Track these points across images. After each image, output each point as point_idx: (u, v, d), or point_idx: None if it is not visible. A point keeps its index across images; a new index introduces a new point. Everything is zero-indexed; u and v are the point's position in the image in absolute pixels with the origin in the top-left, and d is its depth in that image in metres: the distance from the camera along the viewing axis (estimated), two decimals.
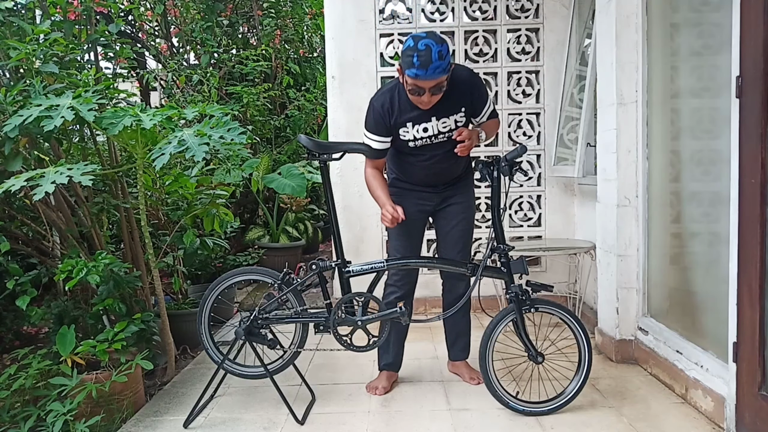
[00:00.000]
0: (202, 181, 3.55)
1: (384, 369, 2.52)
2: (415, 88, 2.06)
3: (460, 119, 2.24)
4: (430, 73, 1.98)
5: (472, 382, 2.52)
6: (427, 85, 2.03)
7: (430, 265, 2.53)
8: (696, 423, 2.11)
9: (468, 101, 2.23)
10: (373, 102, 2.26)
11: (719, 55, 2.17)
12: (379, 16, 3.60)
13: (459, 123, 2.24)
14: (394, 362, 2.53)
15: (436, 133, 2.23)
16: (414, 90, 2.07)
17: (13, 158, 2.28)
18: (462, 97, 2.21)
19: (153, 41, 5.75)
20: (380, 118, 2.21)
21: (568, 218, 3.69)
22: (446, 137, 2.24)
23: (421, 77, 1.99)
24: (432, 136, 2.23)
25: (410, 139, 2.24)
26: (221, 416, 2.29)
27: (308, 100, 5.78)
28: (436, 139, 2.24)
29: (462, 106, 2.22)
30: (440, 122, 2.21)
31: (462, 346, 2.60)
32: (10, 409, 2.16)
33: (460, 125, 2.24)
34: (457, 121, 2.24)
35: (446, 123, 2.22)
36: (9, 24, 2.52)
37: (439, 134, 2.23)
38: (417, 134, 2.23)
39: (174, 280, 3.37)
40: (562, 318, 2.22)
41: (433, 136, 2.23)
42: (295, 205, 5.58)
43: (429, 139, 2.24)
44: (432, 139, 2.24)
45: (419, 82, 2.03)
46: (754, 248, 1.79)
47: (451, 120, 2.22)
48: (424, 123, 2.20)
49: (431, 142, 2.25)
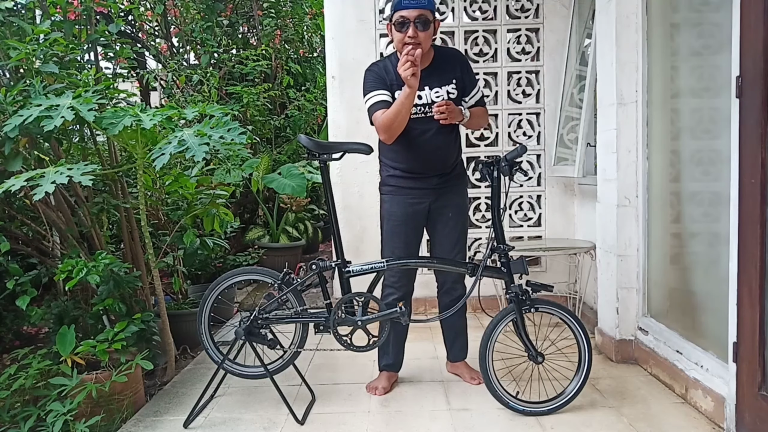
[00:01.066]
0: (202, 181, 3.55)
1: (384, 369, 2.53)
2: (401, 20, 2.14)
3: (452, 91, 2.30)
4: (415, 2, 2.09)
5: (472, 382, 2.52)
6: (412, 15, 2.12)
7: (430, 265, 2.53)
8: (696, 423, 2.11)
9: (458, 74, 2.31)
10: (369, 67, 2.33)
11: (719, 55, 2.17)
12: (379, 16, 3.60)
13: (451, 95, 2.29)
14: (394, 363, 2.53)
15: (429, 102, 2.27)
16: (400, 23, 2.14)
17: (13, 158, 2.28)
18: (452, 69, 2.30)
19: (153, 41, 5.75)
20: (377, 76, 2.28)
21: (568, 218, 3.69)
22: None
23: (404, 5, 2.11)
24: (426, 105, 2.27)
25: None
26: (221, 416, 2.29)
27: (308, 100, 5.78)
28: (429, 110, 2.27)
29: (452, 77, 2.30)
30: (433, 92, 2.28)
31: (460, 346, 2.60)
32: (10, 409, 2.16)
33: (452, 97, 2.29)
34: (449, 92, 2.29)
35: (439, 93, 2.28)
36: (9, 24, 2.52)
37: (432, 104, 2.26)
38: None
39: (174, 280, 3.37)
40: (562, 318, 2.22)
41: (426, 105, 2.27)
42: (295, 205, 5.58)
43: (423, 110, 2.28)
44: (426, 110, 2.28)
45: (404, 12, 2.12)
46: (754, 248, 1.79)
47: (443, 90, 2.28)
48: (418, 91, 2.20)
49: (425, 114, 2.28)
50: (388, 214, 2.39)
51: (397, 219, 2.37)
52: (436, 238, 2.46)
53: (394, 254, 2.37)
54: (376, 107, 2.23)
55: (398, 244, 2.37)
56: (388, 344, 2.46)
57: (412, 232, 2.40)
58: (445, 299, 2.51)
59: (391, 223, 2.38)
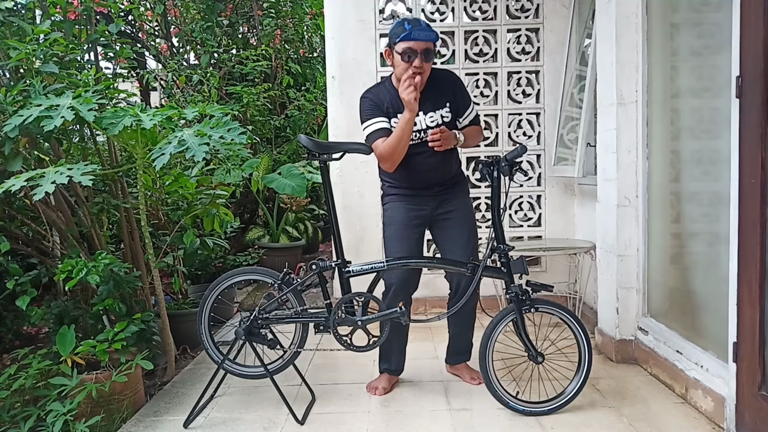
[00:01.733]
0: (202, 181, 3.55)
1: (385, 372, 2.52)
2: (408, 50, 2.14)
3: (446, 114, 2.31)
4: (422, 32, 2.11)
5: (473, 382, 2.52)
6: (419, 47, 2.13)
7: (431, 265, 2.53)
8: (696, 423, 2.11)
9: (452, 97, 2.32)
10: (364, 95, 2.33)
11: (719, 55, 2.17)
12: (379, 16, 3.60)
13: (445, 119, 2.30)
14: (396, 369, 2.52)
15: (425, 128, 2.28)
16: (406, 53, 2.14)
17: (13, 158, 2.28)
18: (445, 93, 2.31)
19: (153, 41, 5.75)
20: (375, 104, 2.28)
21: (568, 218, 3.69)
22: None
23: (413, 36, 2.11)
24: (421, 131, 2.28)
25: None
26: (221, 416, 2.29)
27: (308, 100, 5.78)
28: (424, 135, 2.28)
29: (446, 101, 2.30)
30: (427, 117, 2.28)
31: (464, 351, 2.59)
32: (10, 409, 2.16)
33: (446, 121, 2.30)
34: (443, 116, 2.30)
35: (433, 117, 2.29)
36: (9, 24, 2.52)
37: (427, 129, 2.28)
38: None
39: (174, 280, 3.37)
40: (562, 318, 2.22)
41: (422, 131, 2.28)
42: (295, 205, 5.58)
43: (418, 136, 2.28)
44: (421, 136, 2.28)
45: (411, 44, 2.13)
46: (754, 248, 1.79)
47: (437, 115, 2.29)
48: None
49: (421, 140, 2.28)
50: (390, 220, 2.40)
51: (399, 224, 2.36)
52: (445, 243, 2.42)
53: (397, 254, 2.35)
54: (376, 135, 2.24)
55: (400, 248, 2.35)
56: (390, 350, 2.46)
57: (414, 237, 2.38)
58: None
59: (393, 228, 2.38)
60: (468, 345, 2.58)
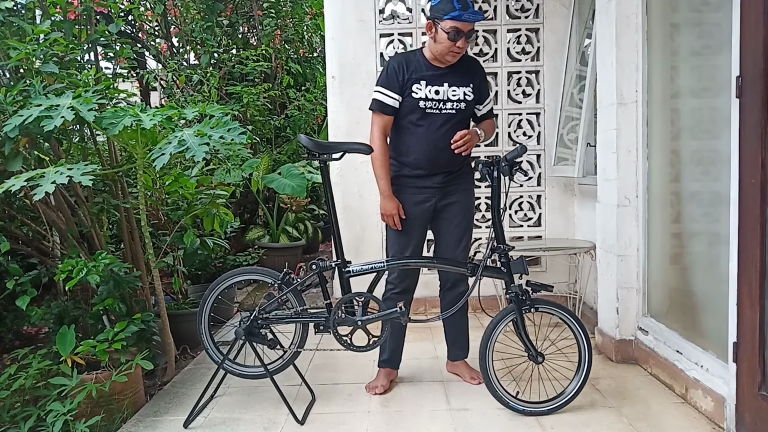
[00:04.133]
0: (202, 181, 3.55)
1: (382, 366, 2.52)
2: (455, 30, 2.16)
3: (469, 94, 2.34)
4: (471, 13, 2.14)
5: (472, 381, 2.52)
6: (466, 27, 2.17)
7: (431, 265, 2.53)
8: (696, 423, 2.11)
9: (477, 80, 2.36)
10: (391, 60, 2.38)
11: (719, 55, 2.17)
12: (379, 16, 3.60)
13: (468, 97, 2.34)
14: (390, 359, 2.52)
15: (445, 99, 2.31)
16: (453, 34, 2.17)
17: (13, 158, 2.28)
18: (473, 75, 2.36)
19: (153, 41, 5.75)
20: (394, 74, 2.30)
21: (568, 218, 3.69)
22: (454, 109, 2.32)
23: (464, 18, 2.14)
24: (441, 101, 2.31)
25: (421, 97, 2.30)
26: (221, 416, 2.29)
27: (308, 100, 5.78)
28: (444, 106, 2.31)
29: (471, 81, 2.34)
30: (451, 89, 2.31)
31: (461, 345, 2.60)
32: (10, 409, 2.16)
33: (469, 99, 2.34)
34: (467, 94, 2.33)
35: (456, 92, 2.32)
36: (9, 24, 2.52)
37: (448, 101, 2.31)
38: (429, 94, 2.30)
39: (174, 280, 3.37)
40: (562, 318, 2.22)
41: (442, 101, 2.31)
42: (295, 205, 5.58)
43: (437, 105, 2.31)
44: (440, 106, 2.31)
45: (459, 24, 2.15)
46: (754, 248, 1.79)
47: (460, 91, 2.32)
48: (437, 86, 2.30)
49: (440, 110, 2.32)
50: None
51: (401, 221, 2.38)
52: (440, 236, 2.46)
53: (398, 254, 2.39)
54: (379, 106, 2.33)
55: (403, 243, 2.39)
56: (385, 340, 2.44)
57: (417, 232, 2.40)
58: (448, 296, 2.52)
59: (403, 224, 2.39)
60: (464, 338, 2.60)
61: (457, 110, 2.32)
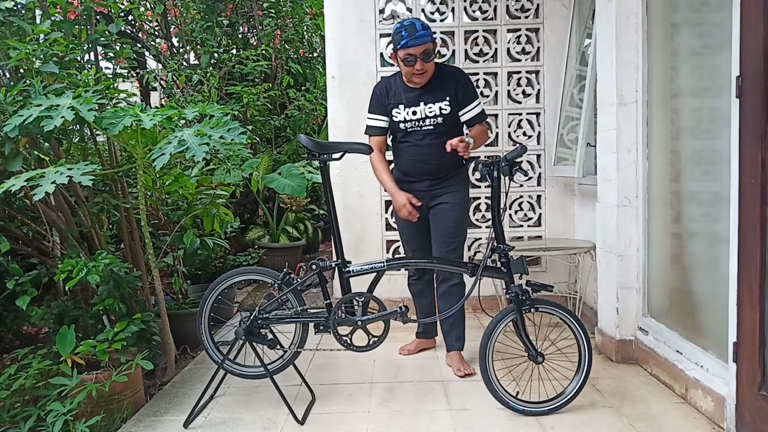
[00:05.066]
0: (202, 181, 3.55)
1: (417, 337, 2.93)
2: (408, 57, 2.39)
3: (445, 107, 2.52)
4: (418, 39, 2.33)
5: (458, 373, 2.59)
6: (417, 52, 2.37)
7: (431, 265, 2.53)
8: (696, 423, 2.11)
9: (452, 92, 2.52)
10: (375, 87, 2.64)
11: (719, 55, 2.17)
12: (379, 16, 3.60)
13: (444, 111, 2.52)
14: (423, 331, 2.91)
15: (423, 117, 2.52)
16: (408, 60, 2.39)
17: (13, 158, 2.28)
18: (447, 88, 2.52)
19: (153, 41, 5.75)
20: (377, 100, 2.59)
21: (568, 218, 3.69)
22: (432, 125, 2.53)
23: (410, 44, 2.34)
24: (419, 119, 2.53)
25: (401, 120, 2.55)
26: (221, 416, 2.29)
27: (308, 100, 5.78)
28: (423, 123, 2.53)
29: (447, 94, 2.51)
30: (427, 107, 2.51)
31: (456, 336, 2.68)
32: (10, 409, 2.16)
33: (445, 113, 2.52)
34: (442, 109, 2.51)
35: (432, 109, 2.51)
36: (9, 24, 2.52)
37: (426, 119, 2.52)
38: (407, 116, 2.53)
39: (174, 280, 3.37)
40: (562, 318, 2.22)
41: (420, 120, 2.53)
42: (295, 205, 5.58)
43: (417, 124, 2.54)
44: (420, 124, 2.53)
45: (410, 50, 2.36)
46: (754, 248, 1.79)
47: (436, 107, 2.51)
48: (413, 107, 2.52)
49: (420, 127, 2.54)
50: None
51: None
52: (432, 234, 2.66)
53: (408, 245, 2.75)
54: (372, 131, 2.63)
55: (408, 236, 2.72)
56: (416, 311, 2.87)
57: (419, 227, 2.64)
58: (443, 287, 2.64)
59: (400, 219, 2.63)
60: (458, 329, 2.69)
61: (435, 125, 2.52)
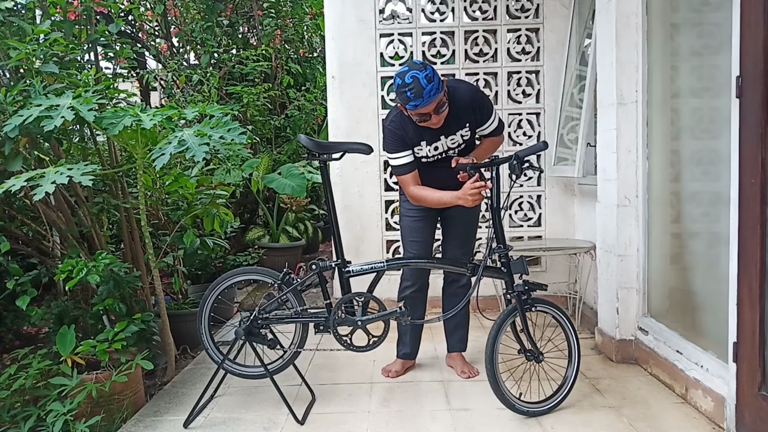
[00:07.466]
0: (202, 181, 3.55)
1: (401, 358, 2.70)
2: (420, 116, 2.21)
3: (465, 133, 2.39)
4: (426, 99, 2.12)
5: (462, 375, 2.58)
6: (429, 110, 2.18)
7: (431, 265, 2.54)
8: (696, 423, 2.11)
9: (471, 117, 2.37)
10: (388, 126, 2.38)
11: (719, 55, 2.17)
12: (379, 16, 3.60)
13: (465, 137, 2.40)
14: (411, 352, 2.70)
15: (446, 149, 2.40)
16: (421, 118, 2.22)
17: (13, 158, 2.28)
18: (466, 115, 2.35)
19: (153, 41, 5.75)
20: (397, 138, 2.34)
21: (568, 218, 3.69)
22: (455, 152, 2.41)
23: (420, 106, 2.14)
24: (443, 152, 2.41)
25: (423, 156, 2.41)
26: (221, 416, 2.29)
27: (308, 100, 5.78)
28: (444, 155, 2.41)
29: (466, 122, 2.36)
30: (449, 139, 2.38)
31: (459, 337, 2.67)
32: (10, 409, 2.16)
33: (466, 138, 2.40)
34: (463, 135, 2.39)
35: (454, 139, 2.38)
36: (9, 24, 2.52)
37: (449, 150, 2.40)
38: (429, 152, 2.39)
39: (174, 280, 3.37)
40: (550, 312, 2.24)
41: (443, 152, 2.41)
42: (295, 205, 5.57)
43: (440, 155, 2.42)
44: (442, 155, 2.42)
45: (421, 110, 2.18)
46: (754, 248, 1.79)
47: (457, 136, 2.38)
48: (435, 143, 2.37)
49: (441, 158, 2.42)
50: (406, 211, 2.56)
51: (414, 216, 2.52)
52: (446, 237, 2.60)
53: (410, 248, 2.56)
54: (403, 169, 2.36)
55: (414, 238, 2.54)
56: (405, 334, 2.67)
57: (427, 229, 2.54)
58: (448, 290, 2.64)
59: (408, 220, 2.55)
60: (462, 331, 2.67)
61: (458, 151, 2.41)
